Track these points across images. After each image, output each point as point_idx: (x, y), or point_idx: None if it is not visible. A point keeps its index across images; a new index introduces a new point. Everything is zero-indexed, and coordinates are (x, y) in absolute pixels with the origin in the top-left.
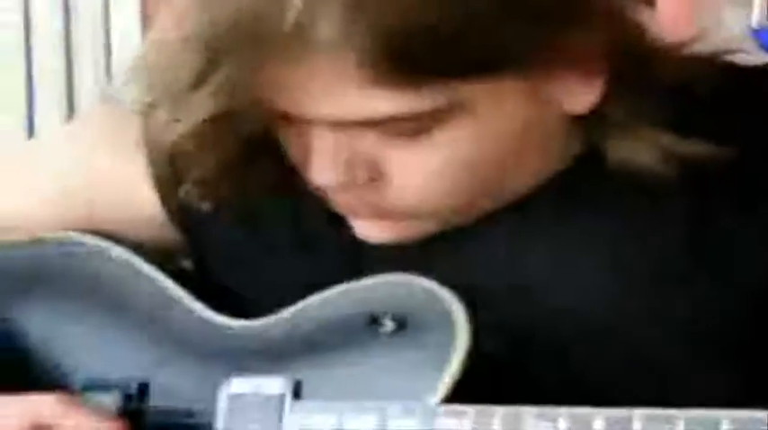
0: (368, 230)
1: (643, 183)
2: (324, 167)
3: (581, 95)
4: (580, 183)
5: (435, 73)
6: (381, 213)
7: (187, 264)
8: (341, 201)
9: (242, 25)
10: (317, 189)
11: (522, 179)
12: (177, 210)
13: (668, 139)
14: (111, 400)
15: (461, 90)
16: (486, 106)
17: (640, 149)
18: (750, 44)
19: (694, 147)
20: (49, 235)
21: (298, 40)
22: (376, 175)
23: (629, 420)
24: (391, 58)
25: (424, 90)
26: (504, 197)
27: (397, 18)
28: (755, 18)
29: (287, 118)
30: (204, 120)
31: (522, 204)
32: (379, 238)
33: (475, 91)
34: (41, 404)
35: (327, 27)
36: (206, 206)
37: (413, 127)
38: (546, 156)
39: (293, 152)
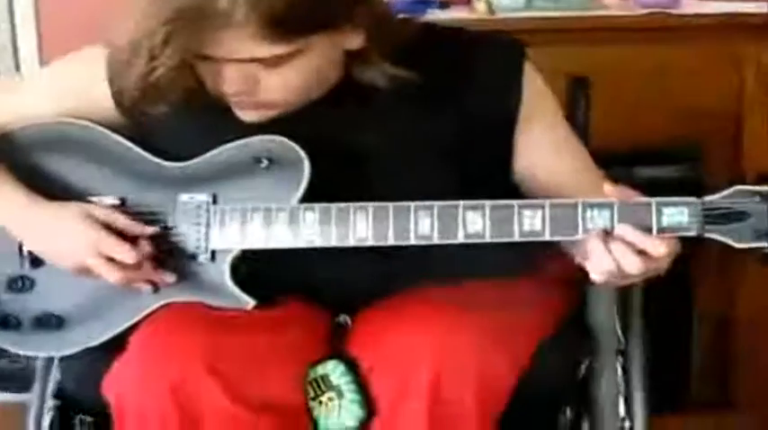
0: (247, 116)
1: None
2: (230, 83)
3: (355, 40)
4: (350, 89)
5: (296, 31)
6: (257, 105)
7: None
8: (235, 101)
9: (191, 9)
10: (223, 94)
11: (324, 86)
12: (127, 112)
13: (387, 67)
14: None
15: (308, 40)
16: (315, 47)
17: (372, 71)
18: None
19: (400, 72)
20: (68, 119)
21: (221, 16)
22: (255, 85)
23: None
24: (268, 25)
25: (288, 41)
26: (314, 96)
27: (273, 5)
28: None
29: (208, 59)
30: (171, 68)
31: (323, 101)
32: (252, 119)
33: (312, 40)
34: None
35: (237, 9)
36: (161, 109)
37: (279, 60)
38: (334, 73)
39: (209, 77)
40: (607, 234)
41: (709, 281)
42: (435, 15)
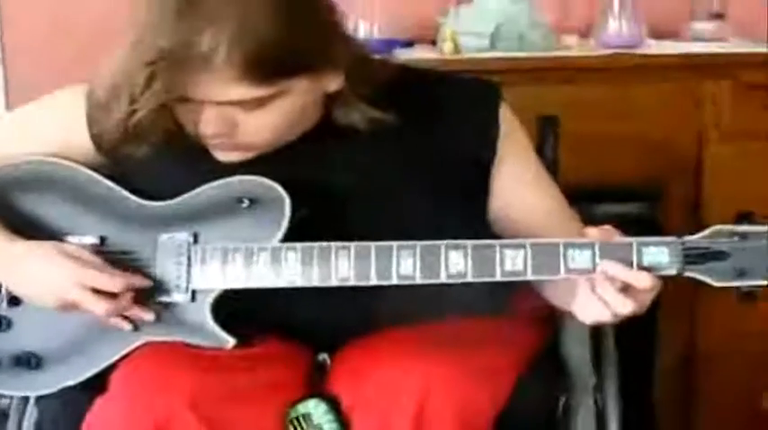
0: (226, 157)
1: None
2: (208, 124)
3: (335, 82)
4: (328, 129)
5: (277, 74)
6: (236, 147)
7: None
8: (214, 143)
9: (173, 51)
10: (202, 136)
11: (303, 128)
12: (107, 153)
13: (366, 108)
14: (89, 240)
15: (288, 82)
16: (296, 90)
17: (352, 113)
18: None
19: (378, 114)
20: (51, 158)
21: (203, 59)
22: (234, 127)
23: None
24: (249, 67)
25: (269, 83)
26: (293, 137)
27: (254, 48)
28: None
29: (188, 101)
30: (151, 110)
31: (303, 140)
32: (231, 160)
33: (293, 82)
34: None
35: (218, 51)
36: (142, 151)
37: (259, 103)
38: (314, 115)
39: (188, 119)
40: (589, 273)
41: (673, 317)
42: (400, 55)
